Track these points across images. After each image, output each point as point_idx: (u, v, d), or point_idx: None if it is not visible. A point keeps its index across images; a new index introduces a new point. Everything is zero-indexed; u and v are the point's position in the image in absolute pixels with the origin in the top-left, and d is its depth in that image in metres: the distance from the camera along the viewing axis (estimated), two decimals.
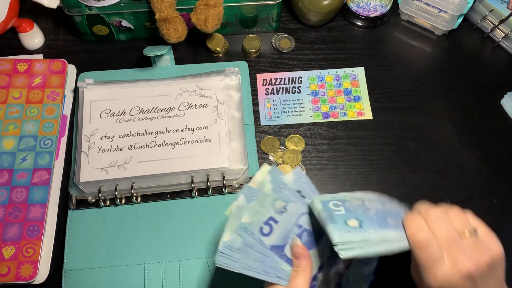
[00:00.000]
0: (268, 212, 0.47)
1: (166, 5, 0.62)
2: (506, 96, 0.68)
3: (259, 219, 0.46)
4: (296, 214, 0.47)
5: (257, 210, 0.46)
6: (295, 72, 0.70)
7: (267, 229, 0.46)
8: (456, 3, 0.67)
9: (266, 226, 0.46)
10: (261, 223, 0.46)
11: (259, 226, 0.46)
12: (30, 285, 0.57)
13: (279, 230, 0.46)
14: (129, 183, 0.60)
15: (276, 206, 0.47)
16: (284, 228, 0.46)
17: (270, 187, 0.47)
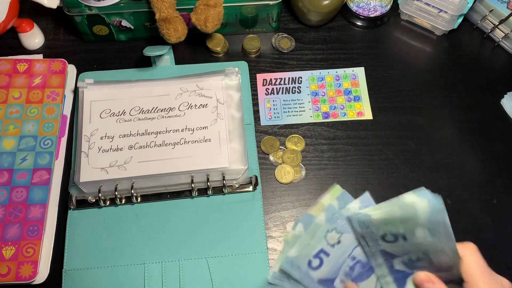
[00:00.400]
0: (319, 244, 0.44)
1: (166, 5, 0.62)
2: (506, 96, 0.68)
3: (308, 252, 0.44)
4: (350, 246, 0.44)
5: (307, 243, 0.44)
6: (295, 72, 0.70)
7: (316, 263, 0.44)
8: (456, 3, 0.67)
9: (316, 259, 0.44)
10: (311, 256, 0.44)
11: (308, 260, 0.44)
12: (30, 285, 0.57)
13: (330, 263, 0.44)
14: (129, 183, 0.60)
15: (329, 238, 0.44)
16: (336, 261, 0.44)
17: (324, 218, 0.43)
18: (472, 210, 0.62)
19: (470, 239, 0.61)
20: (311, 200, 0.62)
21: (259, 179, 0.62)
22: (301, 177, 0.64)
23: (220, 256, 0.58)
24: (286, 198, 0.63)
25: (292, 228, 0.44)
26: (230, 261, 0.58)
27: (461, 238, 0.60)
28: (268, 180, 0.64)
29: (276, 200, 0.63)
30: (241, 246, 0.58)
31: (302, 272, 0.43)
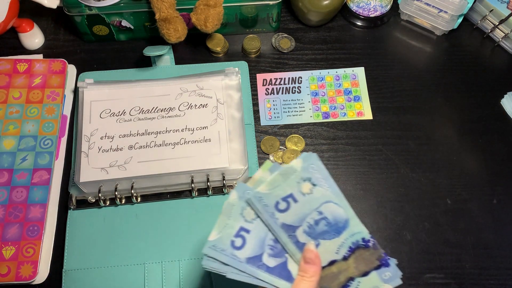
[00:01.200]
0: (237, 223, 0.45)
1: (166, 5, 0.62)
2: (506, 96, 0.68)
3: (228, 232, 0.45)
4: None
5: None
6: (295, 72, 0.70)
7: (239, 242, 0.45)
8: (456, 3, 0.67)
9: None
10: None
11: (230, 240, 0.44)
12: (30, 285, 0.57)
13: (252, 239, 0.45)
14: (129, 183, 0.60)
15: (246, 215, 0.45)
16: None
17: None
18: (472, 210, 0.62)
19: (470, 239, 0.61)
20: None
21: None
22: None
23: None
24: None
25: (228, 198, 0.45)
26: None
27: (461, 238, 0.61)
28: None
29: None
30: None
31: (227, 255, 0.44)
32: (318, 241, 0.46)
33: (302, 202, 0.45)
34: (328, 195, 0.45)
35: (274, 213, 0.45)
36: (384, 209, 0.62)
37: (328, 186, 0.45)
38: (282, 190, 0.45)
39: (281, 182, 0.45)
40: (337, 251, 0.46)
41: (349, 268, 0.46)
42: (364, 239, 0.46)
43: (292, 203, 0.45)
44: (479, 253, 0.59)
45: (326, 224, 0.45)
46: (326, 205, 0.45)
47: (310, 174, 0.45)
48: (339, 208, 0.45)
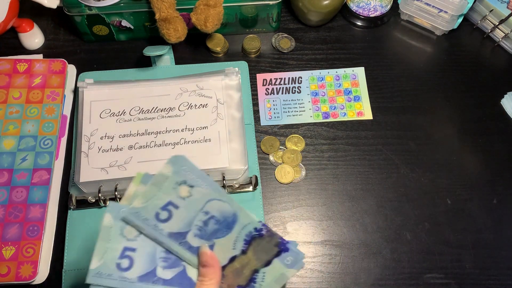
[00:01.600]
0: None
1: (166, 5, 0.62)
2: (506, 96, 0.68)
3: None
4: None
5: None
6: (295, 72, 0.70)
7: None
8: (456, 3, 0.67)
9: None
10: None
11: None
12: (30, 285, 0.57)
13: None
14: (129, 183, 0.60)
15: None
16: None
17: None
18: (472, 210, 0.62)
19: (470, 239, 0.61)
20: (311, 200, 0.62)
21: (259, 179, 0.62)
22: (301, 177, 0.64)
23: None
24: (286, 198, 0.63)
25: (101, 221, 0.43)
26: None
27: (461, 238, 0.61)
28: (268, 180, 0.64)
29: (276, 200, 0.63)
30: None
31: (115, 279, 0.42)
32: (212, 242, 0.45)
33: (183, 206, 0.43)
34: (208, 193, 0.44)
35: (156, 224, 0.43)
36: (384, 209, 0.62)
37: (206, 185, 0.44)
38: (159, 199, 0.43)
39: (156, 191, 0.43)
40: (234, 246, 0.45)
41: (251, 260, 0.45)
42: (256, 228, 0.45)
43: (173, 210, 0.43)
44: (479, 253, 0.59)
45: (215, 223, 0.44)
46: (210, 203, 0.44)
47: (183, 176, 0.43)
48: (223, 203, 0.44)
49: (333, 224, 0.61)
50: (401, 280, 0.58)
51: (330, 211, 0.62)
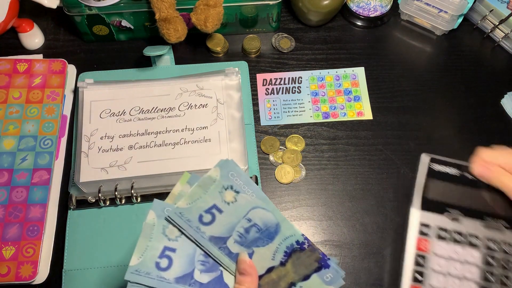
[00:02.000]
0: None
1: (166, 5, 0.62)
2: (506, 96, 0.68)
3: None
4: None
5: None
6: (295, 72, 0.70)
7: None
8: (456, 3, 0.67)
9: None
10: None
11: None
12: (30, 285, 0.57)
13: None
14: (129, 183, 0.60)
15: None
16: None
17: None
18: None
19: None
20: (311, 200, 0.62)
21: (259, 179, 0.62)
22: (301, 177, 0.64)
23: None
24: (286, 198, 0.63)
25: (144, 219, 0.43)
26: None
27: None
28: (268, 180, 0.64)
29: (276, 200, 0.63)
30: None
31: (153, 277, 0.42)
32: (252, 250, 0.44)
33: (227, 211, 0.43)
34: (253, 200, 0.43)
35: (199, 227, 0.43)
36: (384, 209, 0.62)
37: (252, 192, 0.43)
38: (204, 202, 0.42)
39: (202, 194, 0.42)
40: (273, 257, 0.44)
41: (289, 273, 0.45)
42: (298, 241, 0.44)
43: (217, 214, 0.43)
44: None
45: (257, 231, 0.44)
46: (254, 211, 0.43)
47: (230, 181, 0.42)
48: (267, 212, 0.43)
49: (333, 224, 0.61)
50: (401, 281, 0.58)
51: (330, 211, 0.62)
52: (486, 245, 0.53)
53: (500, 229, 0.53)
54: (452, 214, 0.54)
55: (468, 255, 0.53)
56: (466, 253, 0.53)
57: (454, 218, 0.54)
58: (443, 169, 0.55)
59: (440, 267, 0.53)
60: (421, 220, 0.54)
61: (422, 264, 0.53)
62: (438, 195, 0.55)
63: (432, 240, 0.54)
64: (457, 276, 0.52)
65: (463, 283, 0.52)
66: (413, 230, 0.54)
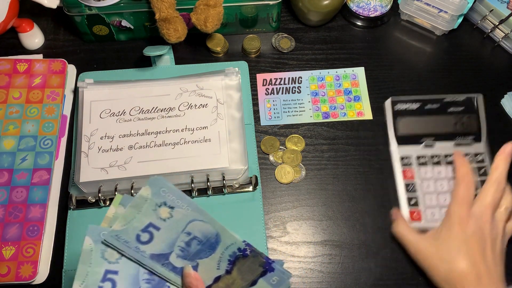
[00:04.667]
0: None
1: (166, 5, 0.62)
2: (506, 96, 0.68)
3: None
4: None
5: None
6: (295, 72, 0.70)
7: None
8: (456, 3, 0.67)
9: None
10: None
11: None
12: (30, 285, 0.57)
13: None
14: (129, 183, 0.60)
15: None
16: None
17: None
18: None
19: None
20: (311, 200, 0.62)
21: (259, 179, 0.62)
22: (301, 177, 0.64)
23: None
24: (286, 198, 0.63)
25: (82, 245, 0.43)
26: None
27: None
28: (268, 180, 0.64)
29: (276, 200, 0.63)
30: None
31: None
32: (196, 262, 0.44)
33: (165, 227, 0.43)
34: (189, 214, 0.43)
35: (138, 246, 0.43)
36: (384, 209, 0.62)
37: (187, 205, 0.43)
38: (139, 221, 0.42)
39: (135, 214, 0.42)
40: (218, 266, 0.45)
41: (236, 280, 0.45)
42: (240, 248, 0.45)
43: (154, 232, 0.43)
44: None
45: (198, 243, 0.44)
46: (192, 224, 0.43)
47: (163, 198, 0.42)
48: (205, 224, 0.44)
49: (333, 224, 0.61)
50: (401, 280, 0.58)
51: (330, 211, 0.62)
52: None
53: (470, 143, 0.62)
54: (426, 142, 0.62)
55: (449, 172, 0.61)
56: (447, 171, 0.61)
57: (428, 145, 0.62)
58: (405, 106, 0.63)
59: (429, 188, 0.60)
60: (401, 154, 0.62)
61: (414, 190, 0.60)
62: (408, 129, 0.63)
63: (415, 168, 0.61)
64: (446, 191, 0.60)
65: None
66: (397, 165, 0.62)
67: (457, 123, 0.62)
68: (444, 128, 0.62)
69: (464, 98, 0.63)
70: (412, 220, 0.59)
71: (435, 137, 0.62)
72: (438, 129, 0.62)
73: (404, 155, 0.62)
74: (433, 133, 0.62)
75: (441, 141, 0.62)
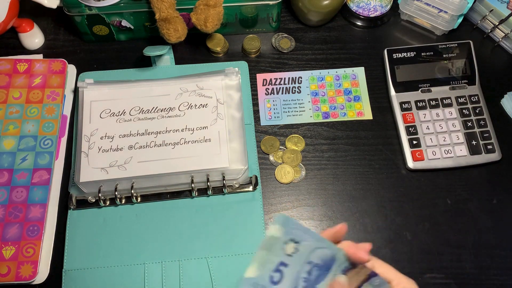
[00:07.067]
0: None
1: (166, 5, 0.62)
2: (506, 96, 0.68)
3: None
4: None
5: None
6: (295, 72, 0.70)
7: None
8: (456, 3, 0.67)
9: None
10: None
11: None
12: (30, 285, 0.57)
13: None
14: (129, 183, 0.60)
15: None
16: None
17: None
18: (472, 210, 0.62)
19: (470, 239, 0.61)
20: (311, 200, 0.62)
21: (259, 179, 0.62)
22: (301, 177, 0.64)
23: (220, 256, 0.58)
24: (286, 198, 0.63)
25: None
26: (230, 261, 0.58)
27: (461, 238, 0.61)
28: (268, 180, 0.64)
29: (276, 200, 0.63)
30: (241, 246, 0.58)
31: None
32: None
33: (292, 263, 0.43)
34: (312, 245, 0.44)
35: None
36: (384, 209, 0.62)
37: (310, 237, 0.44)
38: (271, 263, 0.43)
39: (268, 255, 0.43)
40: None
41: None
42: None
43: (284, 270, 0.43)
44: (479, 253, 0.59)
45: (317, 269, 0.44)
46: (313, 253, 0.44)
47: (291, 235, 0.44)
48: (324, 250, 0.44)
49: (333, 224, 0.61)
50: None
51: (330, 211, 0.62)
52: (457, 101, 0.66)
53: (464, 87, 0.67)
54: (423, 88, 0.66)
55: (447, 113, 0.66)
56: (444, 112, 0.66)
57: (425, 90, 0.66)
58: (400, 55, 0.68)
59: (428, 130, 0.65)
60: (400, 100, 0.67)
61: (414, 132, 0.65)
62: (405, 76, 0.67)
63: (414, 112, 0.66)
64: (445, 131, 0.65)
65: (451, 135, 0.64)
66: (397, 110, 0.66)
67: (451, 69, 0.67)
68: (439, 73, 0.67)
69: (457, 45, 0.69)
70: (415, 160, 0.63)
71: (431, 82, 0.67)
72: (434, 75, 0.67)
73: (403, 100, 0.66)
74: (428, 78, 0.67)
75: (437, 86, 0.67)
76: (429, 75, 0.67)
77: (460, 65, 0.68)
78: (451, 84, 0.67)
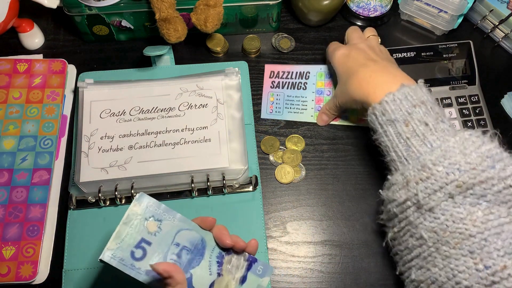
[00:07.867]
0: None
1: (166, 5, 0.62)
2: (506, 96, 0.68)
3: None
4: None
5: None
6: (303, 65, 0.70)
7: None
8: (456, 3, 0.67)
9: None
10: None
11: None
12: (30, 285, 0.57)
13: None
14: (129, 183, 0.60)
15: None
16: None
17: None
18: None
19: None
20: (311, 200, 0.62)
21: (259, 179, 0.62)
22: (301, 177, 0.64)
23: None
24: (286, 198, 0.63)
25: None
26: None
27: None
28: (268, 180, 0.64)
29: (276, 200, 0.63)
30: None
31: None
32: (189, 273, 0.45)
33: (156, 242, 0.44)
34: (176, 224, 0.45)
35: (133, 264, 0.44)
36: None
37: (172, 217, 0.45)
38: (132, 238, 0.44)
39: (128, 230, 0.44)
40: (210, 271, 0.46)
41: (228, 282, 0.46)
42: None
43: (147, 247, 0.44)
44: None
45: (187, 252, 0.45)
46: (179, 234, 0.45)
47: (151, 212, 0.45)
48: (191, 231, 0.45)
49: (333, 224, 0.61)
50: (401, 280, 0.58)
51: (330, 211, 0.62)
52: (457, 101, 0.66)
53: (464, 87, 0.67)
54: None
55: (447, 113, 0.65)
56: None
57: None
58: (400, 55, 0.68)
59: None
60: None
61: None
62: None
63: None
64: None
65: None
66: None
67: (451, 69, 0.67)
68: (439, 73, 0.67)
69: (457, 45, 0.69)
70: None
71: (431, 82, 0.67)
72: (434, 75, 0.67)
73: None
74: (428, 78, 0.67)
75: (437, 86, 0.67)
76: (429, 75, 0.67)
77: (460, 65, 0.68)
78: (451, 84, 0.67)
